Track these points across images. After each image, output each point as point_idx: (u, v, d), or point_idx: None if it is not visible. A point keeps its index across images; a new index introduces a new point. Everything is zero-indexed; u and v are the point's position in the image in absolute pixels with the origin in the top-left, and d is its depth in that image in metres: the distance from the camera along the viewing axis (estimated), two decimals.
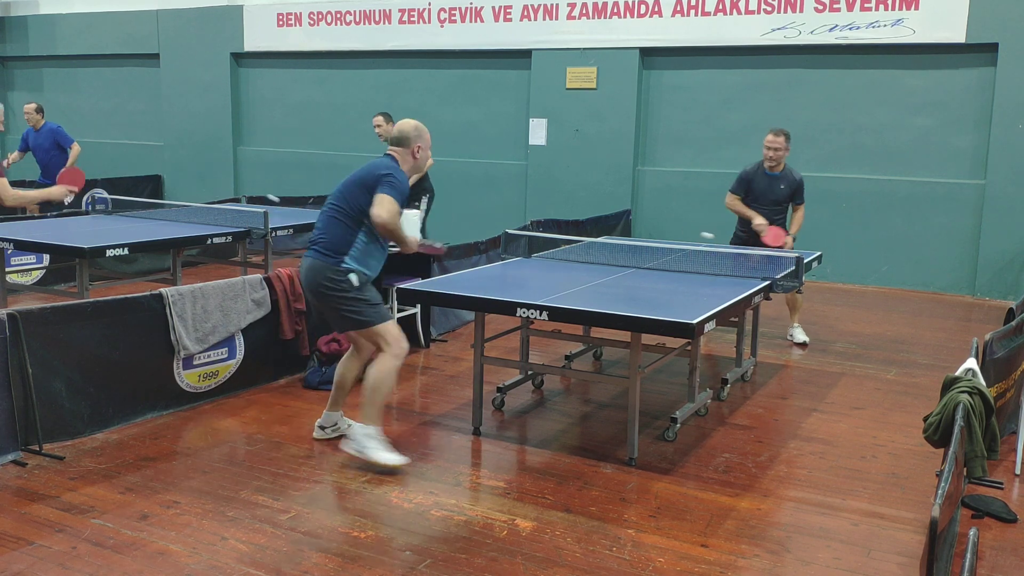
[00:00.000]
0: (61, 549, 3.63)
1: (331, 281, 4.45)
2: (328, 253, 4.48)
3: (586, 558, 3.66)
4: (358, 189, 4.49)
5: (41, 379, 4.61)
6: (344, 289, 4.45)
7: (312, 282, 4.51)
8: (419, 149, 4.67)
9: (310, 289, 4.56)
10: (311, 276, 4.52)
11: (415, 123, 4.71)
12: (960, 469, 3.42)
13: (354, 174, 4.58)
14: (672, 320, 4.34)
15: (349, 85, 13.03)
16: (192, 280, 6.19)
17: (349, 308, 4.48)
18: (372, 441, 4.49)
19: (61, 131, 10.31)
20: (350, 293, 4.45)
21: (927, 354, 7.09)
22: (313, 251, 4.54)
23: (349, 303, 4.46)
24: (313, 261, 4.51)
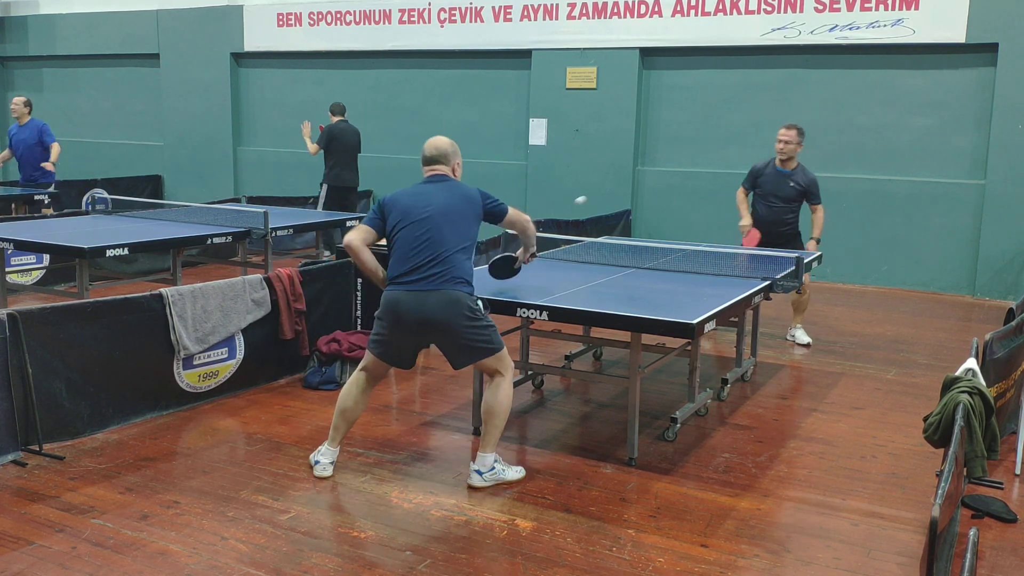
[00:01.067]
0: (61, 549, 3.63)
1: (472, 312, 4.24)
2: (462, 284, 4.26)
3: (586, 558, 3.66)
4: (470, 219, 4.36)
5: (41, 379, 4.60)
6: (480, 318, 4.28)
7: (450, 315, 4.20)
8: (458, 166, 4.55)
9: (442, 323, 4.21)
10: (448, 309, 4.19)
11: (449, 140, 4.53)
12: (960, 469, 3.42)
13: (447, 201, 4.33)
14: (672, 320, 4.34)
15: (349, 85, 13.03)
16: (192, 280, 6.19)
17: (484, 337, 4.28)
18: (500, 465, 4.40)
19: (47, 128, 10.33)
20: (484, 321, 4.30)
21: (927, 354, 7.09)
22: (442, 283, 4.20)
23: (485, 331, 4.28)
24: (450, 293, 4.20)
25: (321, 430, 5.07)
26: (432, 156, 4.48)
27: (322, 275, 6.25)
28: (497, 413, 4.34)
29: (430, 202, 4.32)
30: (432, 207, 4.30)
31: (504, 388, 4.36)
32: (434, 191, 4.38)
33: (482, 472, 4.35)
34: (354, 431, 5.07)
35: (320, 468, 4.47)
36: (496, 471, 4.37)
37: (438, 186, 4.40)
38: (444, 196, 4.35)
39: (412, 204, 4.33)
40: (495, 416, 4.34)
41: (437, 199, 4.33)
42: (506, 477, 4.39)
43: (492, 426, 4.35)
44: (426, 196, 4.35)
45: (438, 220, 4.27)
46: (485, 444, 4.37)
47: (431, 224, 4.27)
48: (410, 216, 4.30)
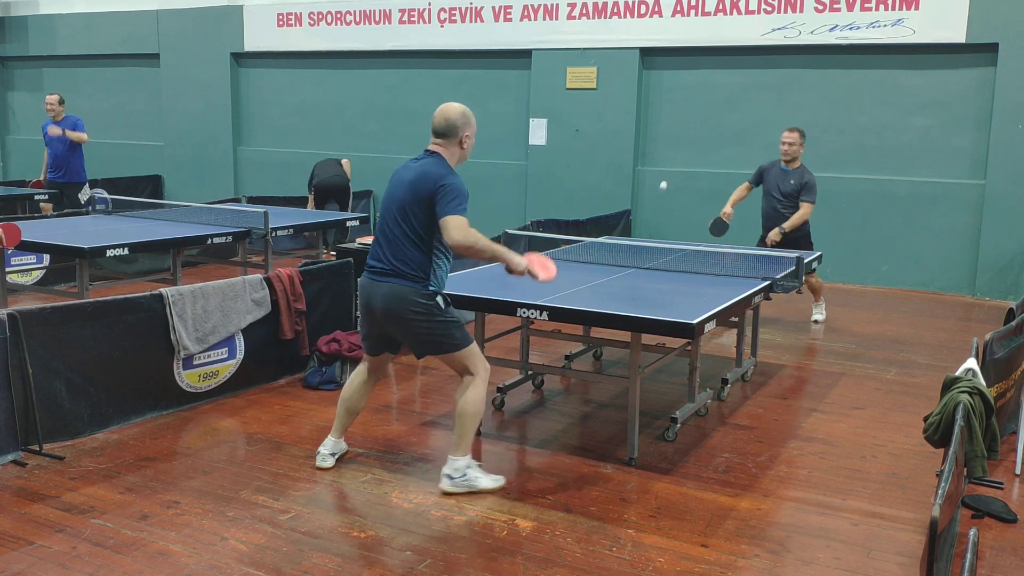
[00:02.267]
0: (61, 549, 3.63)
1: (420, 307, 4.11)
2: (411, 277, 4.12)
3: (586, 558, 3.66)
4: (417, 206, 4.09)
5: (41, 379, 4.60)
6: (434, 313, 4.14)
7: (397, 309, 4.13)
8: (467, 138, 4.23)
9: (393, 315, 4.16)
10: (395, 303, 4.12)
11: (461, 107, 4.22)
12: (960, 469, 3.42)
13: (402, 185, 4.16)
14: (672, 320, 4.35)
15: (349, 85, 13.03)
16: (192, 280, 6.19)
17: (440, 332, 4.16)
18: (473, 471, 4.27)
19: (80, 123, 10.30)
20: (440, 316, 4.16)
21: (927, 354, 7.09)
22: (391, 275, 4.14)
23: (440, 327, 4.16)
24: (396, 287, 4.12)
25: (321, 430, 5.07)
26: (438, 127, 4.22)
27: (322, 275, 6.25)
28: (466, 413, 4.20)
29: (396, 190, 4.20)
30: (396, 197, 4.18)
31: (473, 388, 4.22)
32: (407, 177, 4.18)
33: (453, 477, 4.23)
34: (354, 431, 5.07)
35: (320, 459, 4.51)
36: (468, 477, 4.23)
37: (415, 168, 4.18)
38: (407, 180, 4.16)
39: (388, 192, 4.27)
40: (463, 416, 4.21)
41: (403, 186, 4.17)
42: (479, 485, 4.24)
43: (461, 427, 4.22)
44: (397, 184, 4.22)
45: (395, 210, 4.16)
46: (455, 447, 4.25)
47: (388, 213, 4.20)
48: (382, 207, 4.29)
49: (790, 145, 7.44)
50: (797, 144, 7.43)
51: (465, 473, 4.25)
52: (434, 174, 4.09)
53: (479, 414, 4.26)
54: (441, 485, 4.25)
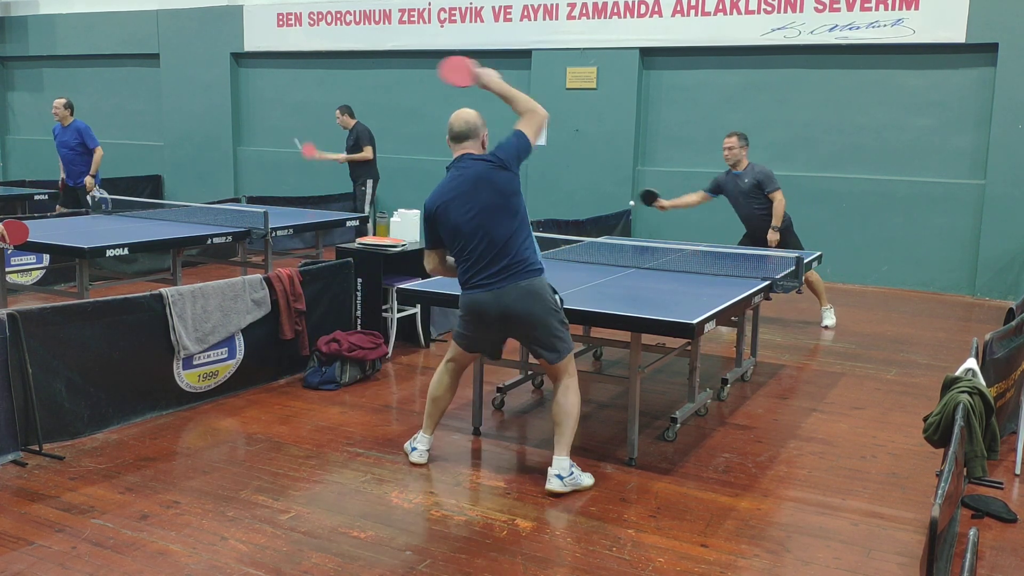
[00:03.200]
0: (61, 549, 3.63)
1: (553, 301, 4.22)
2: (537, 271, 4.19)
3: (586, 558, 3.66)
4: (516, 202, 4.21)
5: (41, 379, 4.60)
6: (559, 309, 4.26)
7: (536, 307, 4.16)
8: (486, 137, 4.41)
9: (530, 315, 4.17)
10: (534, 302, 4.16)
11: (475, 112, 4.39)
12: (960, 469, 3.41)
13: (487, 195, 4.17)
14: (672, 320, 4.35)
15: (349, 85, 13.03)
16: (192, 280, 6.19)
17: (562, 330, 4.24)
18: (576, 469, 4.33)
19: (88, 131, 10.11)
20: (561, 315, 4.27)
21: (927, 354, 7.09)
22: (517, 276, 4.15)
23: (562, 325, 4.25)
24: (530, 284, 4.16)
25: (321, 430, 5.08)
26: (462, 132, 4.32)
27: (322, 275, 6.25)
28: (571, 415, 4.30)
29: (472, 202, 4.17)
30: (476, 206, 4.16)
31: (575, 391, 4.33)
32: (469, 186, 4.20)
33: (562, 476, 4.25)
34: (354, 431, 5.08)
35: (416, 455, 4.61)
36: (575, 476, 4.29)
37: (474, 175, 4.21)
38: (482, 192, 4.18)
39: (458, 213, 4.19)
40: (570, 418, 4.29)
41: (475, 194, 4.18)
42: (583, 483, 4.31)
43: (568, 427, 4.29)
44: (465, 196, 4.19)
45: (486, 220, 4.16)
46: (561, 448, 4.29)
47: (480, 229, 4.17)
48: (461, 230, 4.20)
49: (729, 149, 7.62)
50: (737, 148, 7.61)
51: (572, 472, 4.29)
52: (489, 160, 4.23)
53: (579, 413, 4.37)
54: (550, 486, 4.24)
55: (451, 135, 4.35)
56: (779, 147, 10.43)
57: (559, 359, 4.28)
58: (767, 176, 7.58)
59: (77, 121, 10.16)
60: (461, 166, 4.30)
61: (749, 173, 7.65)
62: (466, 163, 4.29)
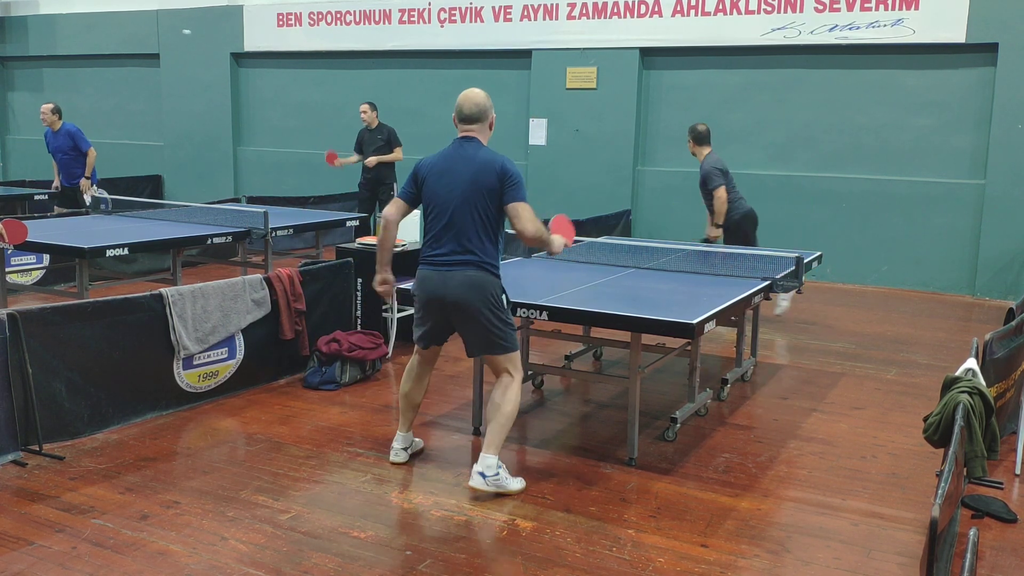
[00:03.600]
0: (61, 549, 3.63)
1: (496, 300, 4.18)
2: (488, 268, 4.17)
3: (586, 558, 3.66)
4: (484, 196, 4.14)
5: (41, 379, 4.60)
6: (503, 309, 4.23)
7: (474, 299, 4.14)
8: (493, 119, 4.36)
9: (467, 305, 4.16)
10: (474, 292, 4.14)
11: (484, 94, 4.31)
12: (960, 469, 3.42)
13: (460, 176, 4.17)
14: (672, 320, 4.35)
15: (349, 85, 13.02)
16: (192, 280, 6.19)
17: (502, 330, 4.22)
18: (504, 472, 4.25)
19: (79, 134, 10.06)
20: (504, 315, 4.24)
21: (927, 354, 7.09)
22: (467, 265, 4.15)
23: (504, 325, 4.22)
24: (475, 275, 4.15)
25: (321, 430, 5.08)
26: (472, 114, 4.26)
27: (322, 275, 6.25)
28: (505, 413, 4.25)
29: (454, 182, 4.18)
30: (455, 188, 4.17)
31: (514, 389, 4.29)
32: (462, 168, 4.19)
33: (485, 475, 4.18)
34: (354, 431, 5.08)
35: (393, 454, 4.60)
36: (500, 477, 4.21)
37: (466, 158, 4.21)
38: (470, 175, 4.17)
39: (440, 183, 4.22)
40: (504, 416, 4.24)
41: (461, 178, 4.17)
42: (509, 487, 4.23)
43: (499, 424, 4.23)
44: (452, 172, 4.20)
45: (458, 202, 4.16)
46: (489, 444, 4.23)
47: (450, 206, 4.17)
48: (437, 201, 4.23)
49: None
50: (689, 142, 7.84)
51: (498, 472, 4.21)
52: (494, 161, 4.18)
53: (516, 414, 4.32)
54: (472, 483, 4.21)
55: (460, 116, 4.30)
56: (779, 147, 10.44)
57: (491, 353, 4.26)
58: (709, 173, 7.62)
59: (67, 124, 10.14)
60: (467, 146, 4.26)
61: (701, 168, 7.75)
62: (474, 146, 4.26)
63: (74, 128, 10.11)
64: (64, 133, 10.03)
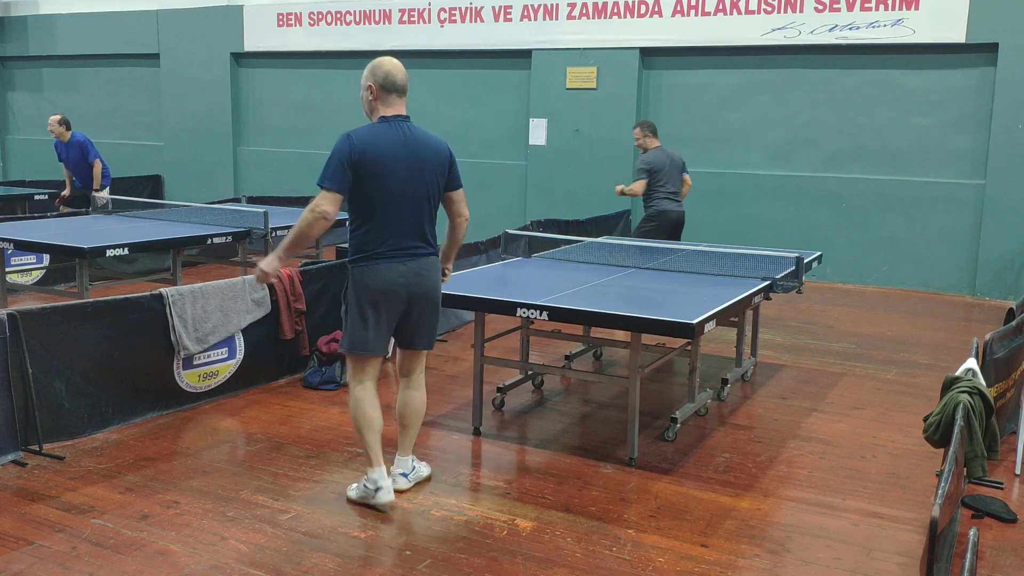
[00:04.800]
0: (61, 549, 3.63)
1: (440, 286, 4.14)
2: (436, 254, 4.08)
3: (586, 558, 3.66)
4: (438, 181, 3.96)
5: (41, 379, 4.60)
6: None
7: (434, 285, 4.06)
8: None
9: (431, 296, 4.03)
10: (434, 278, 4.05)
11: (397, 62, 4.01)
12: (960, 469, 3.42)
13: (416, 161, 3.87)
14: (672, 320, 4.34)
15: (349, 85, 13.01)
16: (192, 280, 6.19)
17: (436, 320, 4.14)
18: (416, 462, 4.37)
19: (87, 145, 10.02)
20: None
21: (927, 354, 7.09)
22: (433, 252, 4.04)
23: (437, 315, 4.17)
24: (435, 263, 4.07)
25: (321, 430, 5.07)
26: (405, 86, 3.97)
27: (322, 275, 6.25)
28: (421, 416, 4.29)
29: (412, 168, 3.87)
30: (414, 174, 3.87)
31: (424, 389, 4.30)
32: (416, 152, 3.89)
33: (407, 474, 4.28)
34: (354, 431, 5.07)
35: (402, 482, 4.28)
36: (417, 470, 4.34)
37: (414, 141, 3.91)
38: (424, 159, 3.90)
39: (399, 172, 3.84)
40: (419, 419, 4.28)
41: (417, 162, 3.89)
42: (423, 473, 4.36)
43: (415, 429, 4.27)
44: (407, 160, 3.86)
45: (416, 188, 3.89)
46: (406, 447, 4.29)
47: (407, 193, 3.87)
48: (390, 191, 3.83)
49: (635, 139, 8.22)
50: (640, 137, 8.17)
51: (413, 467, 4.32)
52: (442, 144, 4.05)
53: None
54: (397, 485, 4.21)
55: (396, 88, 3.92)
56: (779, 147, 10.44)
57: (430, 348, 4.20)
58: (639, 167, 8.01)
59: (76, 134, 10.06)
60: (404, 127, 3.92)
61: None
62: (413, 128, 3.94)
63: (83, 138, 10.04)
64: (75, 145, 9.96)
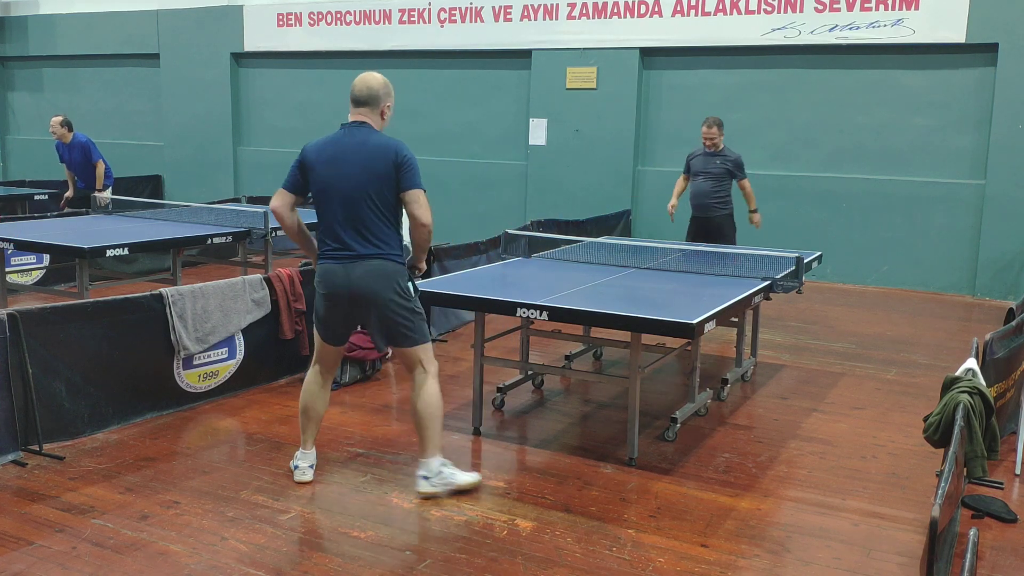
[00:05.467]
0: (61, 549, 3.63)
1: (401, 288, 4.01)
2: (395, 258, 3.99)
3: (586, 558, 3.66)
4: (379, 183, 3.95)
5: (41, 379, 4.60)
6: (410, 298, 4.04)
7: (379, 288, 3.97)
8: (388, 108, 4.14)
9: (371, 295, 3.98)
10: (378, 281, 3.96)
11: (383, 77, 4.15)
12: (960, 469, 3.42)
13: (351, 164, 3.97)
14: (672, 320, 4.34)
15: (349, 85, 12.96)
16: (192, 280, 6.19)
17: (409, 320, 4.04)
18: (449, 468, 4.20)
19: (90, 146, 9.96)
20: (411, 304, 4.05)
21: (927, 354, 7.09)
22: (370, 257, 3.98)
23: (411, 315, 4.05)
24: (379, 264, 3.98)
25: (321, 430, 5.06)
26: (361, 96, 4.07)
27: None
28: (430, 415, 4.14)
29: (346, 170, 3.97)
30: (349, 176, 3.96)
31: (429, 387, 4.14)
32: (351, 151, 3.99)
33: (429, 476, 4.16)
34: (354, 431, 5.08)
35: (299, 473, 4.34)
36: (444, 475, 4.17)
37: (356, 142, 4.00)
38: (361, 162, 3.97)
39: (330, 172, 4.00)
40: (430, 418, 4.14)
41: (354, 166, 3.96)
42: (457, 481, 4.18)
43: (429, 428, 4.14)
44: (343, 160, 3.98)
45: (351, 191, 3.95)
46: (424, 448, 4.18)
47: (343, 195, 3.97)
48: (330, 185, 4.00)
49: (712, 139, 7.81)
50: (717, 136, 7.80)
51: (441, 471, 4.18)
52: (387, 146, 3.98)
53: (441, 409, 4.20)
54: (418, 487, 4.17)
55: (351, 97, 4.11)
56: (779, 147, 10.44)
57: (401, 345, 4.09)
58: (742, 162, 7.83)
59: (78, 135, 10.00)
60: (356, 132, 4.05)
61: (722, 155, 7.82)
62: (364, 132, 4.04)
63: (85, 139, 9.97)
64: (77, 146, 9.90)
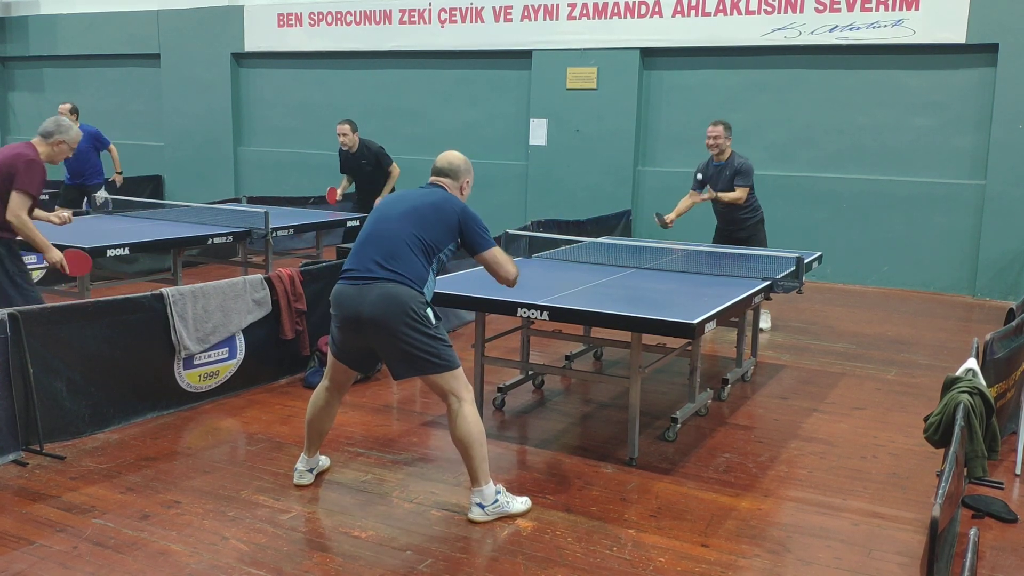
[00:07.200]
0: (62, 549, 3.63)
1: (416, 315, 3.85)
2: (411, 282, 3.90)
3: (586, 558, 3.66)
4: (438, 226, 4.00)
5: (42, 379, 4.61)
6: (428, 325, 3.89)
7: (390, 313, 3.83)
8: (467, 184, 4.27)
9: (383, 321, 3.85)
10: (390, 306, 3.83)
11: (463, 157, 4.28)
12: (960, 469, 3.42)
13: (417, 201, 4.07)
14: (672, 320, 4.35)
15: (349, 85, 13.03)
16: (193, 280, 6.19)
17: (429, 348, 3.88)
18: (504, 496, 4.04)
19: (100, 134, 9.82)
20: (432, 331, 3.90)
21: (927, 354, 7.09)
22: (385, 280, 3.89)
23: (432, 342, 3.89)
24: (392, 288, 3.86)
25: None
26: (440, 168, 4.24)
27: (322, 275, 6.25)
28: (473, 443, 3.93)
29: (404, 205, 4.09)
30: (403, 210, 4.05)
31: (466, 414, 3.95)
32: (414, 194, 4.16)
33: (484, 505, 3.98)
34: (354, 431, 5.08)
35: (297, 475, 4.34)
36: (500, 504, 4.01)
37: (427, 193, 4.14)
38: (425, 200, 4.08)
39: (393, 206, 4.13)
40: (473, 447, 3.94)
41: (414, 203, 4.08)
42: (511, 510, 4.02)
43: (472, 458, 3.96)
44: (405, 200, 4.14)
45: (407, 221, 4.00)
46: (475, 478, 3.98)
47: (390, 225, 4.01)
48: (376, 216, 4.11)
49: (715, 139, 7.51)
50: (722, 138, 7.50)
51: (496, 499, 4.01)
52: (456, 201, 4.11)
53: (483, 434, 3.98)
54: (471, 515, 3.98)
55: (432, 170, 4.27)
56: (779, 147, 10.44)
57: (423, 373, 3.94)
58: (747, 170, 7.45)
59: (84, 125, 9.98)
60: (431, 188, 4.21)
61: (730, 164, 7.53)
62: (435, 188, 4.20)
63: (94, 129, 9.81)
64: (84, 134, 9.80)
